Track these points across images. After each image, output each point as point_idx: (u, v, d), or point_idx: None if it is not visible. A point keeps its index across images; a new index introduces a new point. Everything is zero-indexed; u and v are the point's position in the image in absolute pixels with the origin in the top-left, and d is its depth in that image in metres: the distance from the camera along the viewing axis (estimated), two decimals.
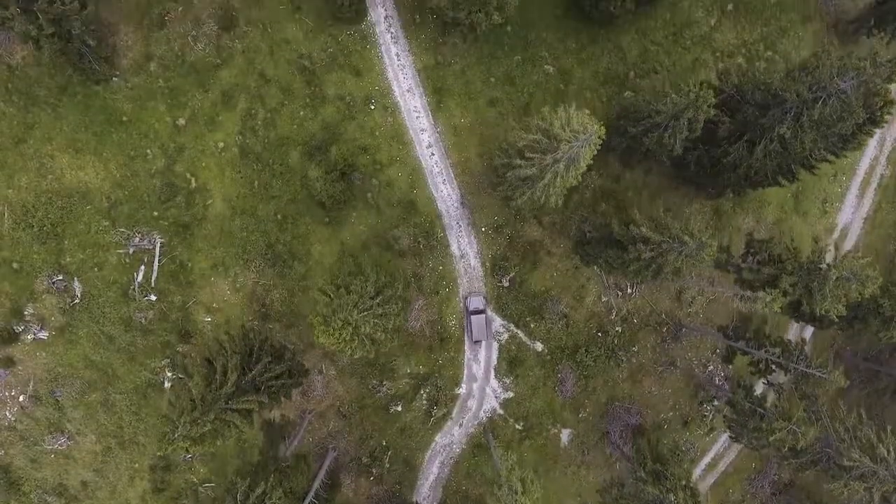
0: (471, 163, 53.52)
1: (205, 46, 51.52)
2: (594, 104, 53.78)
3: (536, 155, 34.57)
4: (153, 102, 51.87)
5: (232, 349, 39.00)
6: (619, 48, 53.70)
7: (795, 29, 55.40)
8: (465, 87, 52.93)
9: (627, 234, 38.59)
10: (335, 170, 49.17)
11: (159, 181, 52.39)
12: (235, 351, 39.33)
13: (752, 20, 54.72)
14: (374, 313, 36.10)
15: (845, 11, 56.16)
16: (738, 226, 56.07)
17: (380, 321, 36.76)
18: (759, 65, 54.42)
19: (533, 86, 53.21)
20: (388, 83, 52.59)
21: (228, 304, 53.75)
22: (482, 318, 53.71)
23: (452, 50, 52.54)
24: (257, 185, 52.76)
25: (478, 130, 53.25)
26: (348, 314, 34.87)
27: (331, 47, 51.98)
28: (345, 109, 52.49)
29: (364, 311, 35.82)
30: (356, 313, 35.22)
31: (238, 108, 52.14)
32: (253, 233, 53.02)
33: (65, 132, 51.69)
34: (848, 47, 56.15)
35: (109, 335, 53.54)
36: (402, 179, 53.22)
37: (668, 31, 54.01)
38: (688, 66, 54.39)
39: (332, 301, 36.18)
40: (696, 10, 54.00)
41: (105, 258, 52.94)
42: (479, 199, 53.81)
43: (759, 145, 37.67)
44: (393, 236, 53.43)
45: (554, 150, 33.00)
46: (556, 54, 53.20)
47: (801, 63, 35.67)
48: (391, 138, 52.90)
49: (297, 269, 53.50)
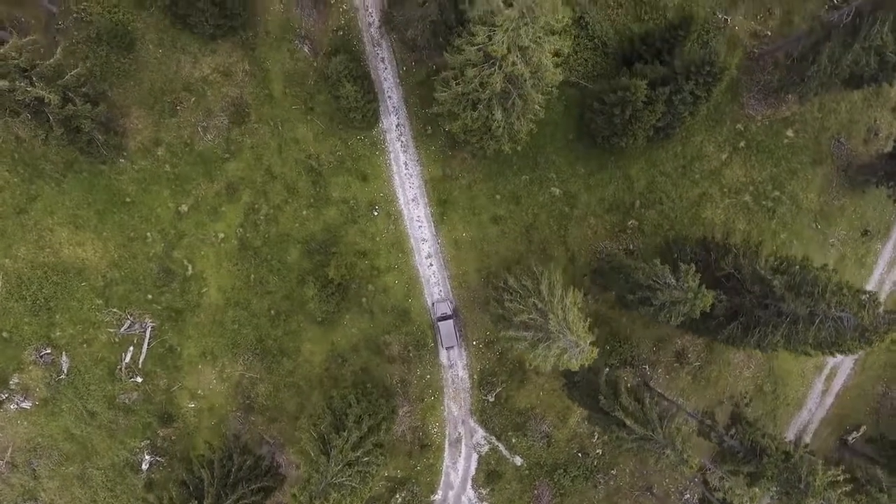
0: (468, 277, 53.50)
1: (214, 138, 51.46)
2: (598, 230, 53.80)
3: (530, 332, 34.56)
4: (157, 187, 51.84)
5: (209, 478, 38.94)
6: (627, 176, 53.63)
7: (805, 171, 55.34)
8: (470, 202, 52.88)
9: (611, 406, 38.63)
10: (331, 283, 49.06)
11: (156, 265, 52.38)
12: (214, 475, 39.28)
13: (762, 159, 54.64)
14: (355, 470, 36.12)
15: (857, 156, 56.09)
16: (723, 388, 56.81)
17: (361, 472, 36.78)
18: (766, 203, 54.47)
19: (538, 207, 53.16)
20: (393, 190, 52.56)
21: (213, 393, 53.78)
22: (450, 323, 52.38)
23: (461, 164, 52.49)
24: (253, 279, 52.76)
25: (479, 246, 53.22)
26: (329, 476, 34.89)
27: (340, 150, 51.93)
28: (348, 213, 52.46)
29: (345, 465, 35.86)
30: (335, 470, 35.24)
31: (242, 201, 52.12)
32: (245, 325, 53.04)
33: (67, 207, 51.67)
34: (855, 194, 56.13)
35: (92, 411, 53.60)
36: (399, 287, 53.21)
37: (677, 162, 53.94)
38: (694, 200, 54.35)
39: (313, 462, 36.17)
40: (708, 144, 53.93)
41: (95, 335, 52.96)
42: (472, 314, 53.82)
43: (754, 336, 37.71)
44: (384, 342, 53.50)
45: (547, 338, 33.01)
46: (563, 177, 53.14)
47: (812, 276, 35.00)
48: (391, 245, 52.88)
49: (285, 365, 53.54)
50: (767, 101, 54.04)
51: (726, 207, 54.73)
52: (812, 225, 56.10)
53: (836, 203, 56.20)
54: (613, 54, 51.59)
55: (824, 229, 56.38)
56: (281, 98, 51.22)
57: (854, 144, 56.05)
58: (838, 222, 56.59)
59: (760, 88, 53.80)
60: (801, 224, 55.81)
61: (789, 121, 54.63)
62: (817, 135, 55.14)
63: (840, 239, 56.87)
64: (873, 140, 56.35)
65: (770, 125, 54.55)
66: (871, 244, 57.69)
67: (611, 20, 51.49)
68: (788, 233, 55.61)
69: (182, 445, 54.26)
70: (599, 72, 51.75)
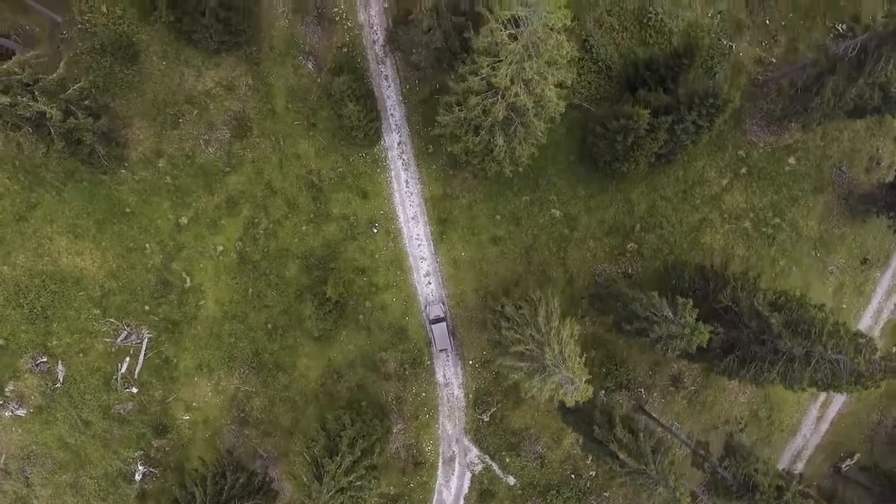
0: (466, 296, 53.47)
1: (216, 151, 51.42)
2: (597, 253, 53.78)
3: (526, 363, 34.57)
4: (158, 198, 51.80)
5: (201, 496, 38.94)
6: (627, 200, 53.60)
7: (806, 198, 55.31)
8: (470, 222, 52.85)
9: (606, 438, 38.64)
10: (328, 301, 49.02)
11: (154, 276, 52.35)
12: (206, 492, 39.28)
13: (763, 186, 54.62)
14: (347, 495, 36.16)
15: (858, 185, 56.06)
16: (718, 412, 56.78)
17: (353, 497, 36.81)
18: (766, 230, 54.49)
19: (538, 228, 53.14)
20: (393, 208, 52.53)
21: (208, 405, 53.77)
22: (443, 325, 52.25)
23: (462, 184, 52.46)
24: (251, 293, 52.73)
25: (477, 266, 53.19)
26: (321, 502, 34.95)
27: (341, 167, 51.89)
28: (348, 229, 52.43)
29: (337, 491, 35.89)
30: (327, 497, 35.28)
31: (242, 214, 52.08)
32: (241, 339, 53.02)
33: (66, 216, 51.63)
34: (855, 223, 56.09)
35: (87, 420, 53.59)
36: (396, 305, 53.18)
37: (678, 187, 53.92)
38: (694, 225, 54.32)
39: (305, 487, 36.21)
40: (709, 170, 53.89)
41: (91, 345, 52.95)
42: (469, 333, 53.80)
43: (749, 370, 37.71)
44: (380, 359, 53.51)
45: (543, 370, 33.03)
46: (564, 199, 53.12)
47: (809, 315, 34.90)
48: (390, 263, 52.85)
49: (280, 380, 53.52)
50: (770, 128, 53.98)
51: (726, 233, 54.70)
52: (812, 252, 56.08)
53: (836, 231, 56.18)
54: (617, 78, 51.58)
55: (824, 257, 56.36)
56: (283, 113, 51.18)
57: (856, 173, 56.04)
58: (838, 250, 56.57)
59: (763, 115, 53.74)
60: (800, 251, 55.79)
61: (791, 148, 54.60)
62: (819, 163, 55.11)
63: (839, 267, 56.85)
64: (875, 169, 56.34)
65: (772, 152, 54.52)
66: (869, 272, 57.69)
67: (615, 44, 51.44)
68: (788, 260, 55.59)
69: (176, 457, 54.26)
70: (603, 95, 51.74)
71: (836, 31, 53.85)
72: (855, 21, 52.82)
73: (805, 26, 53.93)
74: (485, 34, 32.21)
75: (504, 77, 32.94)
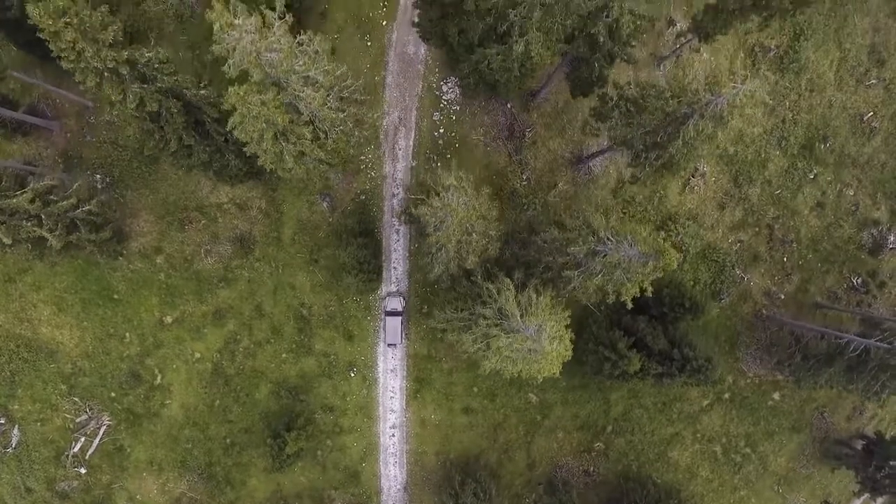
0: (427, 458, 53.44)
1: (214, 262, 51.32)
2: (564, 445, 53.75)
3: None
4: (147, 292, 51.76)
5: None
6: (606, 399, 53.50)
7: (782, 435, 55.19)
8: (447, 387, 52.76)
9: None
10: (287, 447, 48.96)
11: (127, 366, 52.38)
12: None
13: (742, 415, 54.50)
14: None
15: (836, 431, 55.93)
16: None
17: None
18: (735, 457, 54.59)
19: (511, 409, 53.06)
20: (375, 357, 52.44)
21: (151, 502, 53.85)
22: (398, 320, 50.89)
23: (447, 350, 52.28)
24: (218, 405, 52.75)
25: (444, 431, 53.14)
26: None
27: (332, 306, 51.76)
28: (326, 366, 52.37)
29: None
30: None
31: (226, 328, 52.02)
32: (197, 447, 53.07)
33: (55, 287, 51.66)
34: (824, 467, 55.99)
35: (29, 488, 53.74)
36: (356, 449, 53.19)
37: (658, 398, 53.79)
38: (665, 438, 54.24)
39: None
40: (693, 388, 53.55)
41: (51, 417, 53.05)
42: (421, 494, 53.80)
43: None
44: (328, 496, 53.55)
45: None
46: (544, 386, 52.76)
47: None
48: (359, 408, 52.82)
49: (227, 495, 53.59)
50: (762, 361, 53.83)
51: (695, 452, 54.65)
52: (774, 487, 56.03)
53: (803, 471, 56.10)
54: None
55: (785, 493, 56.31)
56: (289, 243, 51.03)
57: (837, 419, 55.90)
58: (801, 489, 56.51)
59: (758, 348, 53.57)
60: (763, 485, 55.73)
61: (779, 384, 54.47)
62: (802, 404, 54.99)
63: None
64: (857, 417, 56.20)
65: (759, 384, 54.40)
66: None
67: None
68: (749, 491, 55.54)
69: None
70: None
71: (851, 282, 53.62)
72: (871, 277, 52.67)
73: (822, 270, 53.67)
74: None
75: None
